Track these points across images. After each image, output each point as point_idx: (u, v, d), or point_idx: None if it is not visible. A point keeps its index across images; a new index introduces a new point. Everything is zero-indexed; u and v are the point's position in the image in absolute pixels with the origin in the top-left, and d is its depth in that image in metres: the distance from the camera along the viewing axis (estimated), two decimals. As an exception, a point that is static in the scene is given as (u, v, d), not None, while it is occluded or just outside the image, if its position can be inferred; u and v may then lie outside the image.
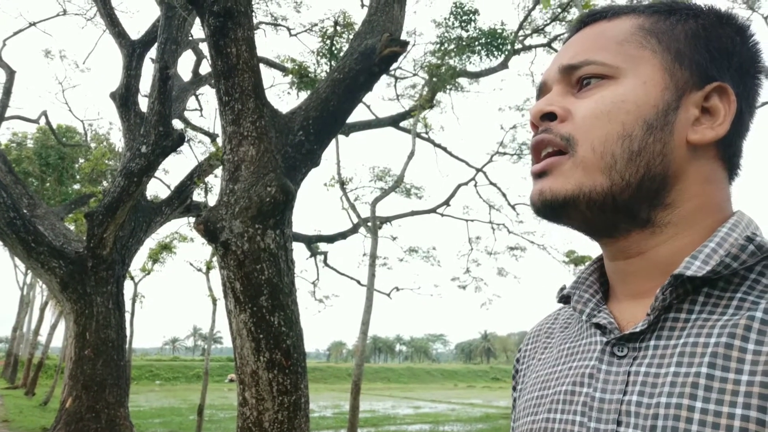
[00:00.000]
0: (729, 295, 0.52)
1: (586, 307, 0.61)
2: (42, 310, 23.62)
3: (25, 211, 8.57)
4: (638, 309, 0.57)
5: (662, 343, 0.53)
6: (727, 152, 0.59)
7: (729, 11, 0.60)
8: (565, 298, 0.66)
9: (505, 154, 12.94)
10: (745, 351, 0.48)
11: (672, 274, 0.53)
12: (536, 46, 10.54)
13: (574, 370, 0.59)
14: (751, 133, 0.61)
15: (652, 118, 0.55)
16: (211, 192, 10.65)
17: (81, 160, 16.30)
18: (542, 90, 0.64)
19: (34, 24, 12.67)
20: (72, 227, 11.98)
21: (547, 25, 10.12)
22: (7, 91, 10.83)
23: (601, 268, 0.65)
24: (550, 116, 0.59)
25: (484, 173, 13.02)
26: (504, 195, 13.42)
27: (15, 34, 12.41)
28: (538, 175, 0.59)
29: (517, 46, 10.12)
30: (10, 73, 11.01)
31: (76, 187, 16.63)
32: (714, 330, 0.51)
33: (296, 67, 8.07)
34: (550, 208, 0.58)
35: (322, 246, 13.11)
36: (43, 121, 13.87)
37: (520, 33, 10.09)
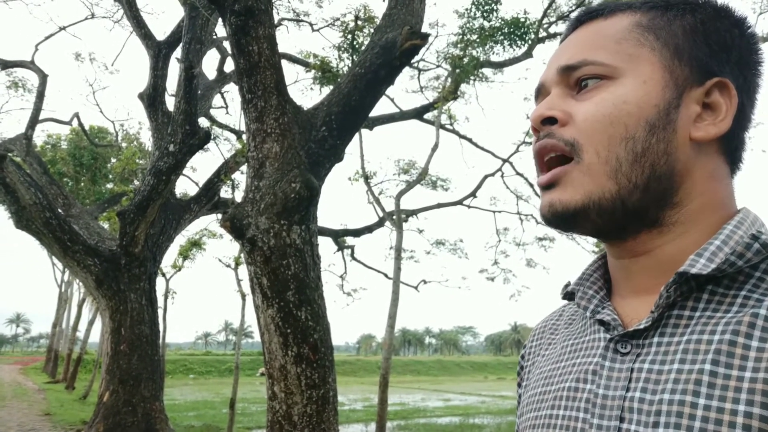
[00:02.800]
0: (733, 293, 0.52)
1: (590, 303, 0.61)
2: (80, 306, 24.30)
3: (60, 211, 8.82)
4: (642, 306, 0.57)
5: (666, 340, 0.53)
6: (730, 147, 0.58)
7: (725, 4, 0.59)
8: (569, 295, 0.66)
9: (531, 143, 12.78)
10: (748, 348, 0.48)
11: (676, 272, 0.53)
12: (561, 34, 10.36)
13: (577, 367, 0.59)
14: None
15: (654, 118, 0.55)
16: (237, 188, 10.80)
17: (113, 160, 16.67)
18: (540, 92, 0.63)
19: (63, 28, 12.98)
20: (106, 226, 12.29)
21: (573, 11, 9.93)
22: (40, 95, 11.13)
23: (606, 264, 0.64)
24: (551, 120, 0.59)
25: (511, 164, 12.88)
26: (531, 185, 13.25)
27: (46, 38, 12.74)
28: (546, 187, 0.59)
29: (542, 34, 9.96)
30: (43, 77, 11.31)
31: (109, 186, 17.03)
32: (718, 327, 0.50)
33: (318, 63, 8.10)
34: (561, 220, 0.58)
35: (349, 240, 13.17)
36: (75, 122, 14.23)
37: (545, 21, 9.93)
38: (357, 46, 8.05)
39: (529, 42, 9.51)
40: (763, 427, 0.45)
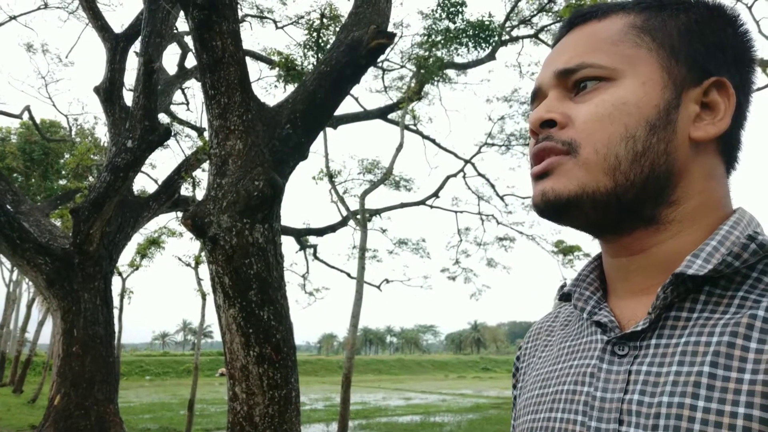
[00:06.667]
0: (731, 294, 0.52)
1: (586, 305, 0.61)
2: (29, 306, 23.43)
3: (9, 207, 8.45)
4: (639, 307, 0.57)
5: (663, 342, 0.53)
6: (727, 146, 0.59)
7: (718, 2, 0.59)
8: (565, 296, 0.65)
9: (493, 145, 12.97)
10: (747, 350, 0.48)
11: (673, 273, 0.52)
12: (523, 37, 10.54)
13: (575, 369, 0.59)
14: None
15: (654, 118, 0.55)
16: (198, 186, 10.59)
17: (66, 156, 16.09)
18: (537, 96, 0.63)
19: (14, 17, 12.45)
20: (58, 223, 11.86)
21: (534, 16, 10.11)
22: (-11, 86, 10.65)
23: (601, 266, 0.64)
24: (550, 123, 0.58)
25: (473, 165, 13.04)
26: (493, 186, 13.46)
27: (-5, 27, 12.21)
28: (539, 177, 0.58)
29: (504, 37, 10.11)
30: (-8, 68, 10.82)
31: (62, 182, 16.44)
32: (716, 329, 0.50)
33: (283, 60, 8.01)
34: (553, 209, 0.57)
35: (312, 239, 13.08)
36: (26, 116, 13.67)
37: (507, 24, 10.08)
38: (322, 44, 8.00)
39: (493, 44, 9.64)
40: (763, 429, 0.45)
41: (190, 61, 10.79)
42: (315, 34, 8.15)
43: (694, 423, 0.47)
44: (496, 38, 9.58)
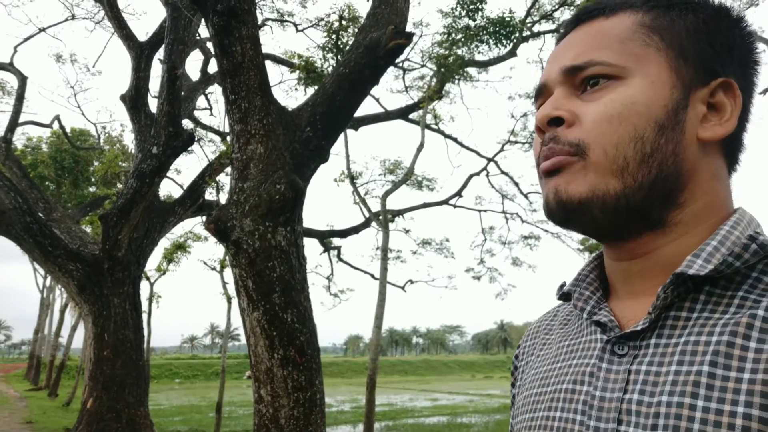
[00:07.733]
0: (731, 294, 0.52)
1: (586, 304, 0.61)
2: (62, 312, 23.98)
3: (41, 215, 8.67)
4: (639, 307, 0.57)
5: (663, 342, 0.52)
6: (730, 147, 0.59)
7: (723, 3, 0.59)
8: (565, 296, 0.65)
9: (516, 142, 12.85)
10: (746, 349, 0.48)
11: (674, 272, 0.52)
12: (545, 33, 10.41)
13: (574, 368, 0.59)
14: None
15: (663, 118, 0.55)
16: (222, 190, 10.71)
17: (95, 163, 16.45)
18: (542, 92, 0.62)
19: (44, 29, 12.78)
20: (88, 230, 12.13)
21: (555, 10, 9.99)
22: (20, 97, 10.95)
23: (601, 265, 0.64)
24: (557, 121, 0.58)
25: (496, 163, 12.93)
26: (516, 184, 13.34)
27: (25, 40, 12.55)
28: (549, 174, 0.57)
29: (525, 33, 10.00)
30: (22, 79, 11.12)
31: (92, 189, 16.81)
32: (716, 329, 0.50)
33: (303, 63, 8.06)
34: (564, 210, 0.56)
35: (336, 241, 13.13)
36: (56, 125, 14.02)
37: (528, 20, 9.97)
38: (341, 46, 8.02)
39: (514, 41, 9.55)
40: (762, 429, 0.44)
41: (213, 67, 10.94)
42: (334, 36, 8.18)
43: (693, 422, 0.47)
44: (517, 35, 9.48)
